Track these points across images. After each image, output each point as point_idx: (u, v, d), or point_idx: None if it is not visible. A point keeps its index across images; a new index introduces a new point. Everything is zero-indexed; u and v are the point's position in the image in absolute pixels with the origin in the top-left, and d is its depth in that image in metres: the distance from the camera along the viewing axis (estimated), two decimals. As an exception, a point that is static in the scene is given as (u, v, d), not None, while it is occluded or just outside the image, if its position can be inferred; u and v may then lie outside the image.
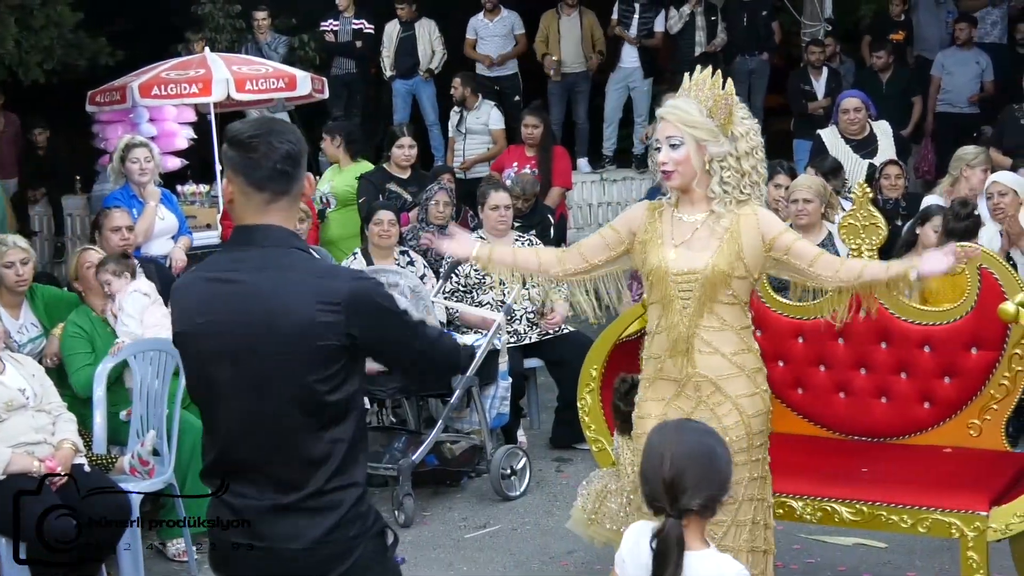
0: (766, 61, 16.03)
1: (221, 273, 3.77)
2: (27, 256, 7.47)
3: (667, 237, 5.17)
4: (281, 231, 3.75)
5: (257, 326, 3.63)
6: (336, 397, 3.67)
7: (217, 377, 3.71)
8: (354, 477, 3.80)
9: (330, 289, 3.65)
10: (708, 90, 5.14)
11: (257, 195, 3.72)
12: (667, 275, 5.11)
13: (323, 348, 3.62)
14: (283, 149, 3.69)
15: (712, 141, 5.06)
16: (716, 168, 5.07)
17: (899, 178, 10.51)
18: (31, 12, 13.83)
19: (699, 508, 3.65)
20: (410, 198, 10.74)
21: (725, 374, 5.13)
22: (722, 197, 5.09)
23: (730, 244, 5.06)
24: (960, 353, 6.12)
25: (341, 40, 15.51)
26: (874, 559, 6.88)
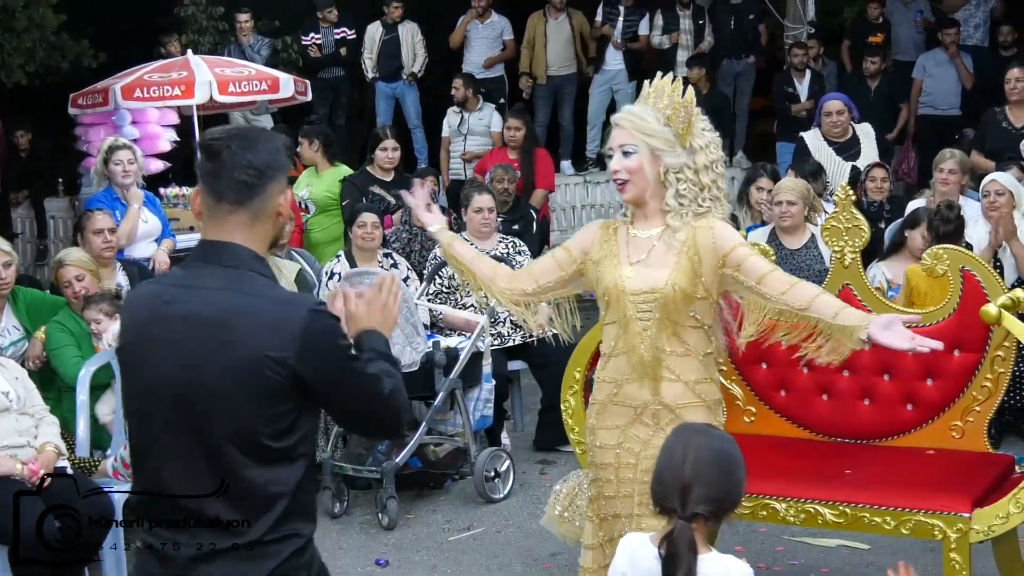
0: (752, 64, 16.09)
1: (174, 291, 3.53)
2: (10, 259, 7.45)
3: (623, 255, 4.92)
4: (242, 251, 3.51)
5: (202, 356, 3.39)
6: (281, 443, 3.42)
7: (154, 406, 3.48)
8: (297, 528, 3.50)
9: (288, 319, 3.40)
10: (667, 97, 4.87)
11: (216, 207, 3.51)
12: (624, 294, 4.85)
13: (270, 385, 3.37)
14: (247, 158, 3.47)
15: (668, 151, 4.81)
16: (672, 180, 4.82)
17: (884, 181, 10.55)
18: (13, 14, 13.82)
19: (708, 514, 3.65)
20: (393, 200, 10.74)
21: (684, 403, 4.87)
22: (678, 210, 4.83)
23: (688, 260, 4.80)
24: (943, 355, 6.11)
25: (326, 52, 15.49)
26: (857, 560, 6.89)
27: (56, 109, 13.21)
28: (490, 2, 15.80)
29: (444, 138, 14.33)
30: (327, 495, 7.91)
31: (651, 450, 4.69)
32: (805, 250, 8.56)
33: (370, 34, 15.62)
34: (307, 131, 11.87)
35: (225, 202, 3.49)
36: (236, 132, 3.61)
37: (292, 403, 3.42)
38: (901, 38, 16.13)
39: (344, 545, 7.48)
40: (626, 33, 15.61)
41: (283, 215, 3.59)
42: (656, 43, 15.74)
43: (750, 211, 9.69)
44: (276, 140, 3.67)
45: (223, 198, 3.49)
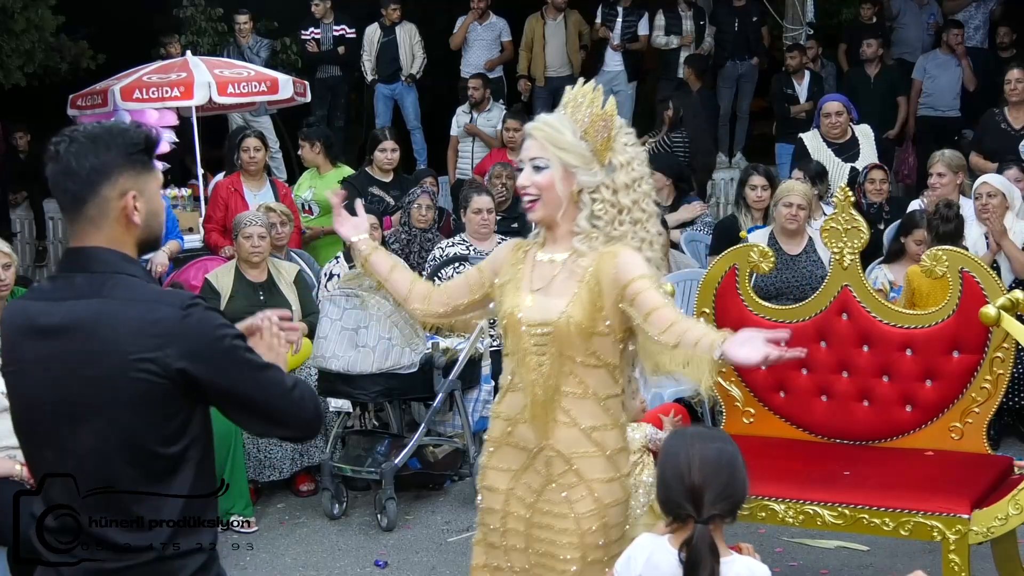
0: (755, 66, 16.09)
1: (40, 304, 3.34)
2: (9, 260, 7.45)
3: (524, 281, 4.45)
4: (106, 254, 3.30)
5: (72, 369, 3.23)
6: (170, 449, 3.26)
7: (35, 424, 3.36)
8: (200, 540, 3.34)
9: (156, 318, 3.21)
10: (586, 108, 4.38)
11: (64, 215, 3.38)
12: (518, 325, 4.36)
13: (147, 389, 3.19)
14: (71, 165, 3.27)
15: (583, 168, 4.32)
16: (586, 200, 4.34)
17: (883, 182, 10.55)
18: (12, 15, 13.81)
19: (724, 513, 3.67)
20: (392, 202, 10.74)
21: (580, 452, 4.32)
22: (588, 233, 4.33)
23: (588, 291, 4.28)
24: (942, 356, 6.13)
25: (323, 48, 15.50)
26: (856, 562, 6.89)
27: (55, 110, 13.20)
28: (489, 3, 15.80)
29: (452, 137, 14.34)
30: (326, 496, 7.91)
31: (542, 504, 4.37)
32: (804, 255, 8.56)
33: (368, 36, 15.62)
34: (307, 133, 11.87)
35: (65, 210, 3.36)
36: (70, 134, 3.34)
37: (177, 405, 3.25)
38: (911, 38, 16.12)
39: (343, 546, 7.47)
40: (625, 34, 15.61)
41: (132, 217, 3.33)
42: (662, 43, 15.71)
43: (749, 212, 9.69)
44: (110, 139, 3.35)
45: (62, 205, 3.36)
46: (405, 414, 8.51)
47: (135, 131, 3.38)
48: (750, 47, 15.99)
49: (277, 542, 7.48)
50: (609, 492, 4.32)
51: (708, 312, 6.49)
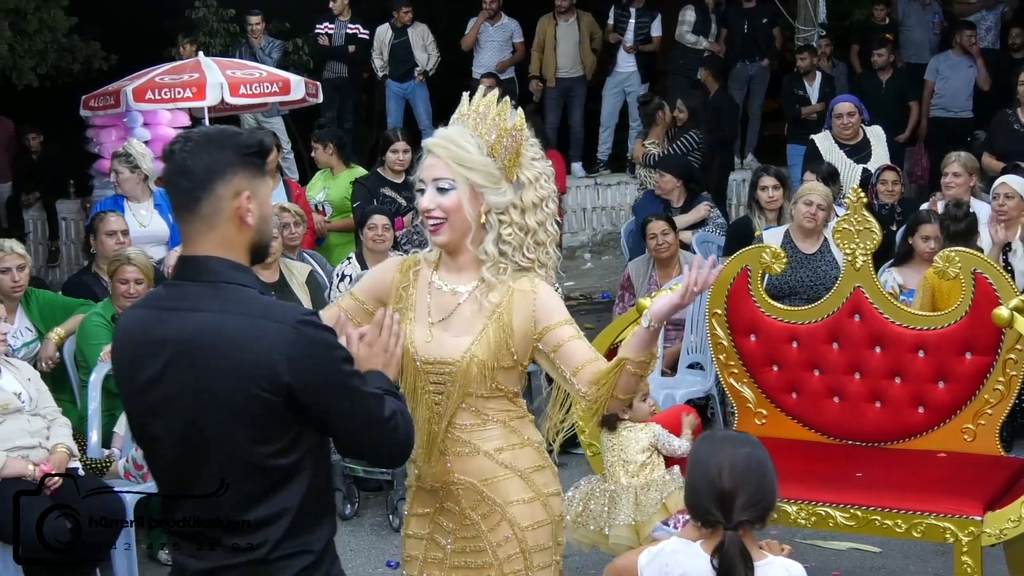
0: (766, 67, 16.08)
1: (155, 312, 3.37)
2: (24, 262, 7.48)
3: (420, 310, 4.12)
4: (215, 263, 3.32)
5: (187, 380, 3.25)
6: (282, 461, 3.28)
7: (152, 432, 3.38)
8: (308, 544, 3.36)
9: (268, 335, 3.22)
10: (491, 121, 4.03)
11: (177, 217, 3.39)
12: (413, 361, 4.07)
13: (261, 404, 3.21)
14: (187, 164, 3.30)
15: (491, 188, 4.01)
16: (493, 222, 4.03)
17: (895, 183, 10.52)
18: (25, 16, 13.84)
19: (754, 518, 3.65)
20: (404, 202, 10.74)
21: (490, 477, 4.08)
22: (496, 261, 4.03)
23: (497, 328, 4.02)
24: (954, 358, 6.12)
25: (335, 44, 15.51)
26: (868, 564, 6.88)
27: (67, 111, 13.22)
28: (500, 4, 15.81)
29: None
30: (338, 497, 7.92)
31: (460, 543, 4.14)
32: (819, 254, 8.55)
33: (380, 36, 15.63)
34: (319, 135, 11.86)
35: (178, 210, 3.37)
36: (187, 136, 3.37)
37: (290, 421, 3.26)
38: (916, 40, 16.12)
39: (355, 547, 7.48)
40: (638, 35, 15.59)
41: (246, 218, 3.33)
42: (691, 40, 15.65)
43: (762, 213, 9.69)
44: (226, 140, 3.37)
45: (175, 206, 3.38)
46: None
47: (248, 135, 3.43)
48: (760, 48, 15.97)
49: (289, 542, 7.50)
50: (528, 514, 4.10)
51: (720, 313, 6.49)
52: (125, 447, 6.99)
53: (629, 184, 15.55)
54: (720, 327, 6.51)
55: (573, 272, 14.59)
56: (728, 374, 6.57)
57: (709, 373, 8.41)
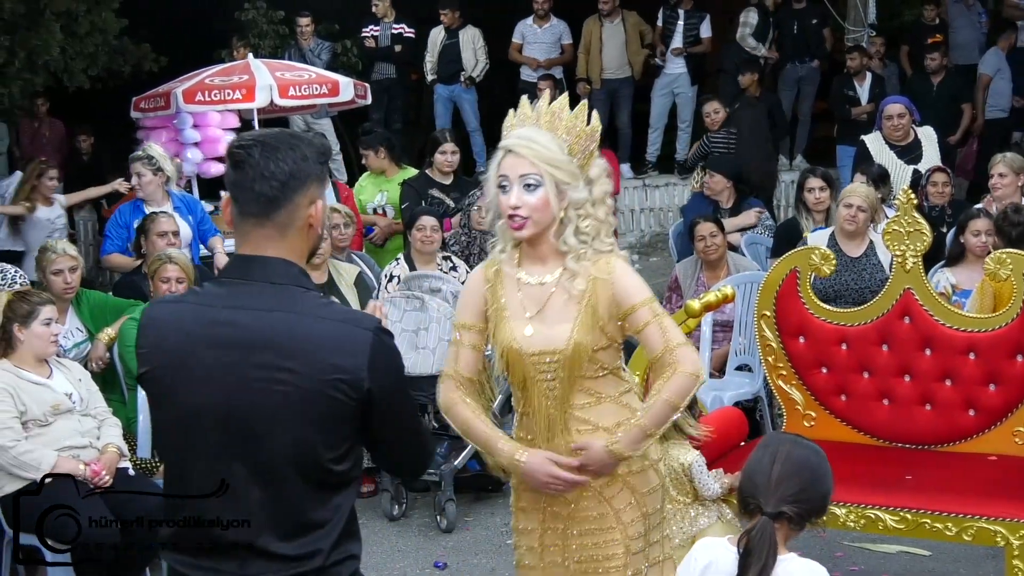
0: (816, 68, 15.98)
1: (214, 309, 3.28)
2: (76, 263, 7.55)
3: (515, 307, 4.36)
4: (284, 265, 3.29)
5: (258, 380, 3.19)
6: (341, 466, 3.27)
7: (198, 434, 3.26)
8: (352, 550, 3.38)
9: (353, 338, 3.23)
10: (568, 123, 4.27)
11: (242, 220, 3.30)
12: (521, 356, 4.32)
13: (336, 406, 3.20)
14: (269, 168, 3.23)
15: (573, 185, 4.24)
16: (573, 216, 4.27)
17: (946, 185, 10.45)
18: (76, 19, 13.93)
19: (794, 515, 3.69)
20: (453, 204, 10.75)
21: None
22: (577, 251, 4.28)
23: (589, 314, 4.28)
24: (1005, 360, 6.09)
25: (381, 45, 15.54)
26: (918, 567, 6.84)
27: (118, 113, 13.31)
28: (550, 6, 15.80)
29: None
30: (386, 497, 7.94)
31: (580, 512, 4.41)
32: (865, 258, 8.50)
33: (432, 37, 15.66)
34: (367, 142, 11.74)
35: (250, 215, 3.28)
36: (259, 138, 3.31)
37: (353, 426, 3.26)
38: (963, 41, 16.04)
39: (402, 548, 7.49)
40: (687, 37, 15.55)
41: (315, 226, 3.33)
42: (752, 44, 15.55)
43: (810, 215, 9.65)
44: (303, 146, 3.32)
45: (247, 211, 3.28)
46: (464, 416, 8.50)
47: (319, 139, 3.42)
48: (811, 50, 15.91)
49: (337, 543, 7.50)
50: (644, 481, 4.42)
51: (768, 315, 6.47)
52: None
53: (677, 185, 15.52)
54: (769, 329, 6.49)
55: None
56: (776, 376, 6.54)
57: (757, 375, 8.38)
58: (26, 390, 6.40)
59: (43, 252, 7.63)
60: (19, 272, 7.87)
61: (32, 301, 6.59)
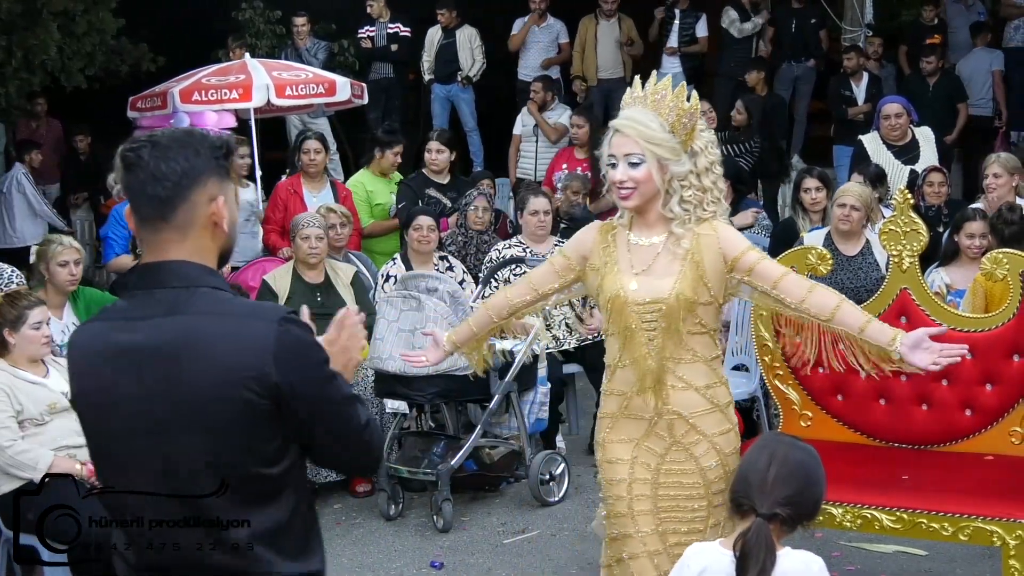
0: (812, 68, 16.01)
1: (118, 325, 3.16)
2: (80, 256, 7.63)
3: (624, 263, 4.79)
4: (189, 267, 3.14)
5: (162, 391, 3.06)
6: (272, 470, 3.11)
7: (119, 449, 3.16)
8: (310, 565, 3.22)
9: (254, 334, 3.07)
10: (670, 102, 4.67)
11: (142, 224, 3.17)
12: (627, 305, 4.70)
13: (250, 408, 3.05)
14: (160, 168, 3.11)
15: (674, 160, 4.65)
16: (676, 187, 4.68)
17: (942, 185, 10.45)
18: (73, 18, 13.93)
19: (786, 516, 3.70)
20: (449, 204, 10.76)
21: (699, 411, 4.75)
22: (682, 217, 4.69)
23: (692, 268, 4.67)
24: (1002, 360, 6.08)
25: (377, 46, 15.54)
26: (915, 567, 6.85)
27: (115, 113, 13.30)
28: (547, 5, 15.81)
29: (515, 136, 14.28)
30: (382, 497, 7.94)
31: (667, 464, 4.78)
32: (861, 257, 8.49)
33: (429, 37, 15.68)
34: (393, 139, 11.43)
35: (147, 219, 3.15)
36: (151, 139, 3.17)
37: (276, 424, 3.10)
38: (962, 41, 16.05)
39: (399, 547, 7.50)
40: (683, 36, 15.56)
41: (220, 224, 3.19)
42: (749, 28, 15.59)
43: (806, 215, 9.65)
44: (196, 143, 3.20)
45: (144, 215, 3.15)
46: (461, 416, 8.52)
47: (215, 136, 3.26)
48: (808, 49, 15.91)
49: (333, 543, 7.49)
50: (727, 442, 4.78)
51: (765, 315, 6.46)
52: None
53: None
54: (765, 328, 6.48)
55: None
56: (773, 376, 6.54)
57: (754, 375, 8.38)
58: (22, 389, 6.41)
59: (47, 244, 7.69)
60: (15, 271, 7.90)
61: (20, 305, 6.59)
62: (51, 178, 15.03)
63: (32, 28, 13.29)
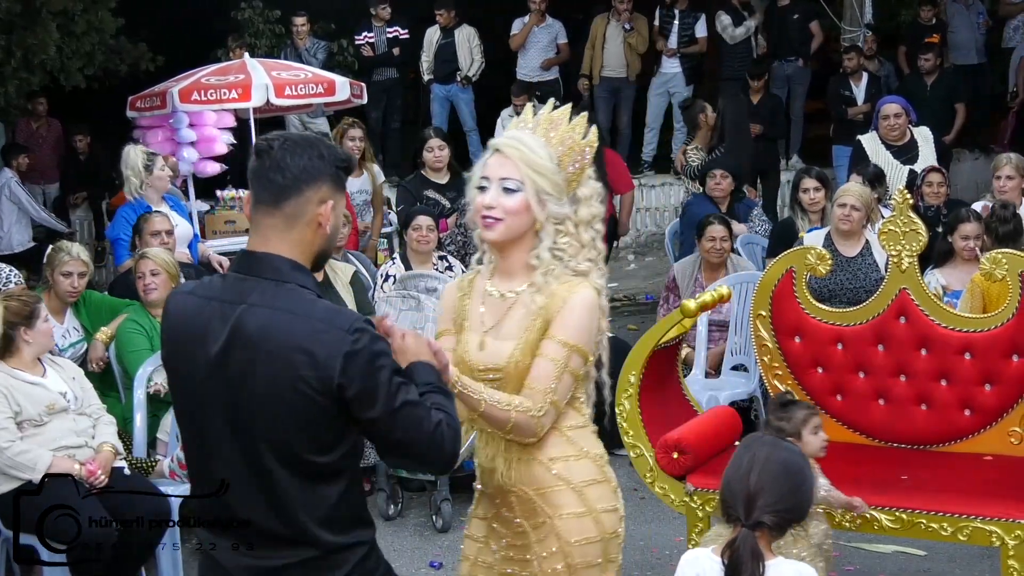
0: (802, 67, 15.99)
1: (210, 303, 3.42)
2: (85, 270, 7.59)
3: (475, 319, 4.11)
4: (281, 262, 3.39)
5: (240, 368, 3.33)
6: (323, 458, 3.36)
7: (200, 417, 3.44)
8: (360, 536, 3.48)
9: (324, 339, 3.29)
10: (563, 133, 4.03)
11: (255, 209, 3.44)
12: (472, 371, 4.02)
13: (308, 405, 3.29)
14: (285, 160, 3.38)
15: (555, 198, 3.96)
16: (550, 230, 3.98)
17: (941, 186, 10.43)
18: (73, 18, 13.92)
19: (772, 524, 3.67)
20: (448, 204, 10.74)
21: (543, 487, 4.04)
22: (548, 267, 3.98)
23: (539, 331, 3.96)
24: (1001, 360, 6.09)
25: (378, 51, 15.55)
26: (914, 567, 6.85)
27: (114, 112, 13.29)
28: (547, 5, 15.81)
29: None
30: (381, 497, 7.93)
31: (510, 550, 4.16)
32: (860, 258, 8.49)
33: (428, 37, 15.68)
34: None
35: (261, 204, 3.43)
36: (283, 135, 3.49)
37: (335, 421, 3.34)
38: (963, 41, 16.06)
39: (398, 547, 7.49)
40: (682, 37, 15.56)
41: (324, 226, 3.43)
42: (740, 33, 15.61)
43: (805, 215, 9.65)
44: (322, 147, 3.47)
45: (260, 199, 3.43)
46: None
47: (342, 150, 3.55)
48: (794, 48, 15.89)
49: (333, 542, 7.50)
50: (577, 529, 4.03)
51: (764, 315, 6.47)
52: (170, 447, 7.02)
53: (673, 185, 15.52)
54: (764, 329, 6.49)
55: (617, 273, 14.56)
56: (772, 376, 6.54)
57: (753, 375, 8.38)
58: (21, 390, 6.40)
59: (56, 251, 7.64)
60: (13, 271, 7.89)
61: (28, 301, 6.60)
62: (50, 178, 15.03)
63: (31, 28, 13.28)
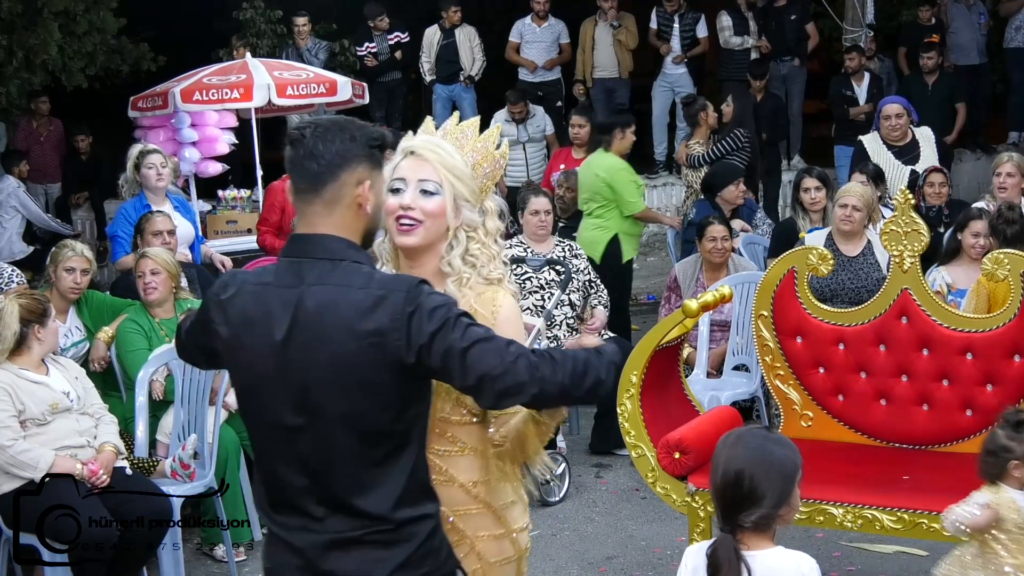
0: (799, 67, 15.97)
1: (271, 287, 3.46)
2: (89, 267, 7.57)
3: None
4: (333, 241, 3.43)
5: (307, 347, 3.35)
6: (395, 426, 3.38)
7: (265, 398, 3.44)
8: (426, 508, 3.47)
9: (384, 301, 3.32)
10: (476, 143, 3.98)
11: (296, 196, 3.49)
12: None
13: (376, 371, 3.32)
14: (318, 147, 3.42)
15: (470, 205, 3.90)
16: (462, 238, 3.89)
17: (943, 186, 10.43)
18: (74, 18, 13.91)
19: (751, 525, 3.67)
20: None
21: (462, 509, 3.90)
22: (460, 275, 3.89)
23: None
24: (1002, 360, 6.09)
25: (382, 59, 15.55)
26: (915, 567, 6.84)
27: (116, 112, 13.31)
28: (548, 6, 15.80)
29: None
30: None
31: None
32: (862, 257, 8.49)
33: (428, 37, 15.67)
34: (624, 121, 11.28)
35: (301, 192, 3.48)
36: (314, 122, 3.52)
37: (404, 386, 3.37)
38: (964, 42, 16.05)
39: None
40: (684, 40, 15.55)
41: (364, 206, 3.47)
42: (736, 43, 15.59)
43: (806, 214, 9.64)
44: (354, 130, 3.49)
45: (299, 188, 3.48)
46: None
47: (374, 128, 3.55)
48: (789, 47, 15.87)
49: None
50: (496, 550, 3.96)
51: (766, 315, 6.47)
52: (171, 447, 7.02)
53: (675, 185, 15.49)
54: (766, 329, 6.49)
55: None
56: (774, 376, 6.55)
57: (755, 375, 8.38)
58: (24, 389, 6.40)
59: (60, 248, 7.64)
60: (15, 271, 7.90)
61: (41, 300, 6.63)
62: (52, 178, 15.04)
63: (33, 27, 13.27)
